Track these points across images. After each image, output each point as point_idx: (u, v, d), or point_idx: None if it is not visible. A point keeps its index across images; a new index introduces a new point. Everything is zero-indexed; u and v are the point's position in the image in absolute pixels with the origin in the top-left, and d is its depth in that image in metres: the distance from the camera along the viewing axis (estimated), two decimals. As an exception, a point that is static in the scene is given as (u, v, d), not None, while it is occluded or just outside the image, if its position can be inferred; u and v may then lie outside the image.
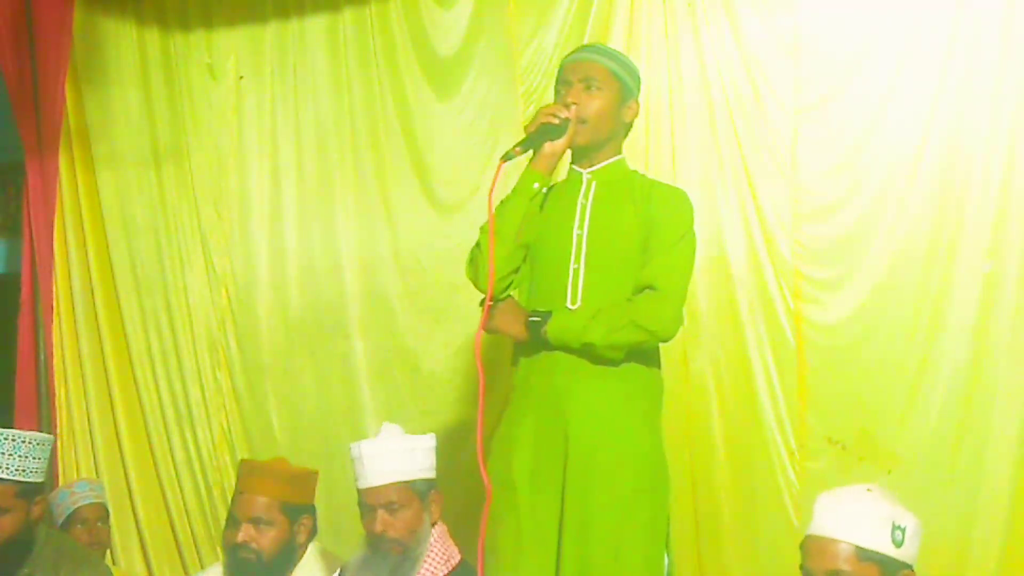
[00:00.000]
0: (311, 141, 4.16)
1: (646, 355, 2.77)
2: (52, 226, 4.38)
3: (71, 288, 4.42)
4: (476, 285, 2.79)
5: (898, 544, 2.19)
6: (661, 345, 2.82)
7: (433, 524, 2.86)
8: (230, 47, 4.26)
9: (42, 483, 3.15)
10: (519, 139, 3.81)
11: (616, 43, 3.69)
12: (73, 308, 4.41)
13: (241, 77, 4.25)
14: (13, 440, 3.04)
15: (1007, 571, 3.27)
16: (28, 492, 3.08)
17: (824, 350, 3.47)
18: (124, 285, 4.34)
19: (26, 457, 3.06)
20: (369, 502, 2.82)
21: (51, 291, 4.39)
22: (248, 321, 4.21)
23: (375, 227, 4.07)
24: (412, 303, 4.04)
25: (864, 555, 2.18)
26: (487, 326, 2.78)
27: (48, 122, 4.32)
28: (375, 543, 2.81)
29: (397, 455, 2.85)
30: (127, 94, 4.36)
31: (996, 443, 3.29)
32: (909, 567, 2.22)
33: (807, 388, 3.46)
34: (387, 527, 2.79)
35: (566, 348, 2.71)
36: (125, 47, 4.37)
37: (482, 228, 2.79)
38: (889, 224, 3.42)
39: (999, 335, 3.29)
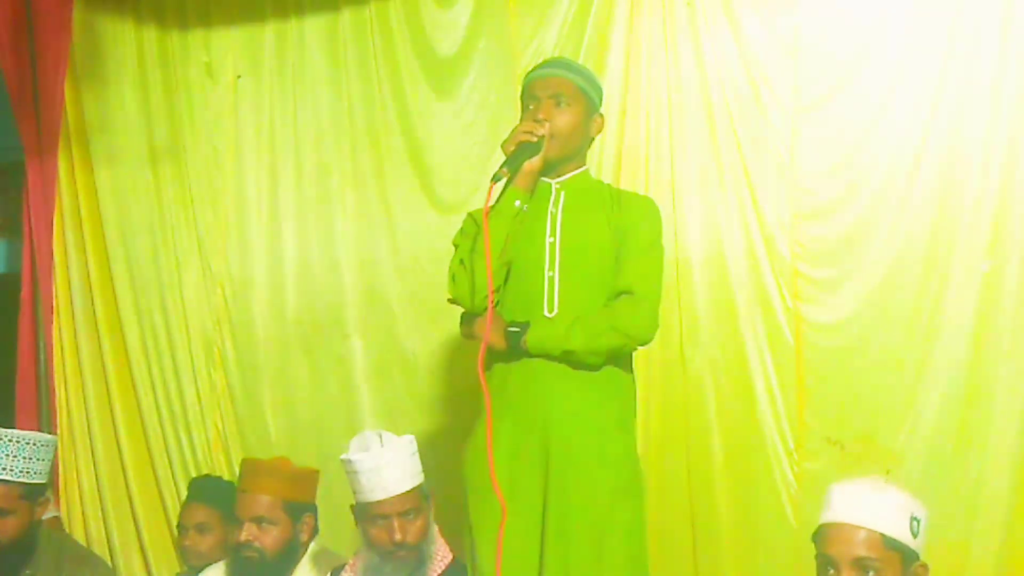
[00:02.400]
0: (309, 141, 4.15)
1: (621, 360, 2.81)
2: (52, 226, 4.38)
3: (71, 288, 4.41)
4: (461, 303, 2.81)
5: (915, 535, 2.21)
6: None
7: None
8: (228, 46, 4.25)
9: (45, 484, 3.15)
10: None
11: (616, 43, 3.71)
12: (73, 308, 4.40)
13: (239, 77, 4.24)
14: (18, 442, 3.05)
15: (1007, 571, 3.27)
16: (32, 493, 3.09)
17: (823, 350, 3.47)
18: (121, 285, 4.32)
19: (30, 459, 3.06)
20: (384, 512, 2.80)
21: (51, 291, 4.38)
22: (244, 321, 4.20)
23: (374, 227, 4.07)
24: (411, 303, 4.03)
25: (888, 543, 2.18)
26: (466, 333, 2.82)
27: (48, 122, 4.31)
28: (390, 552, 2.80)
29: (408, 461, 2.85)
30: (125, 93, 4.35)
31: (996, 443, 3.29)
32: (920, 558, 2.22)
33: (806, 388, 3.46)
34: (406, 535, 2.79)
35: (546, 356, 2.74)
36: (123, 46, 4.36)
37: (459, 245, 2.83)
38: (888, 224, 3.42)
39: (998, 335, 3.29)
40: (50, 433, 4.09)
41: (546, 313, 2.76)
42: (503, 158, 3.88)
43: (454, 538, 2.95)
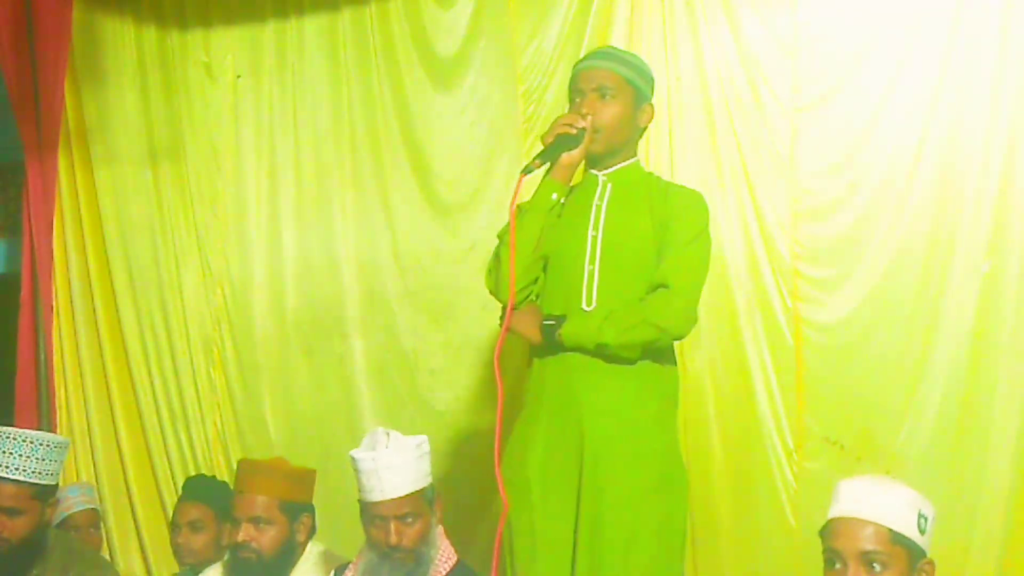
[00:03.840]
0: (309, 141, 4.15)
1: (661, 353, 2.76)
2: (52, 226, 4.38)
3: (71, 288, 4.42)
4: (496, 296, 2.80)
5: (922, 531, 2.19)
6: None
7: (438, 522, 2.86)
8: (228, 46, 4.26)
9: (56, 485, 3.16)
10: (517, 139, 3.85)
11: (616, 43, 3.69)
12: (73, 308, 4.41)
13: (238, 76, 4.25)
14: (31, 443, 3.05)
15: (1007, 571, 3.26)
16: (43, 494, 3.09)
17: (822, 350, 3.46)
18: (120, 284, 4.34)
19: (43, 460, 3.06)
20: (381, 513, 2.76)
21: (51, 291, 4.39)
22: (243, 321, 4.21)
23: (374, 227, 4.07)
24: (411, 303, 4.03)
25: (895, 538, 2.17)
26: (507, 327, 2.79)
27: (48, 122, 4.31)
28: (387, 553, 2.78)
29: (411, 465, 2.80)
30: (124, 93, 4.36)
31: (995, 443, 3.28)
32: (927, 555, 2.22)
33: (805, 388, 3.46)
34: (402, 538, 2.76)
35: (581, 350, 2.71)
36: (123, 46, 4.37)
37: (501, 239, 2.80)
38: (888, 224, 3.42)
39: (998, 335, 3.29)
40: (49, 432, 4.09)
41: (584, 306, 2.73)
42: (505, 157, 3.92)
43: (461, 539, 2.95)
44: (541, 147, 2.80)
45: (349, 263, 4.09)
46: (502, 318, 2.81)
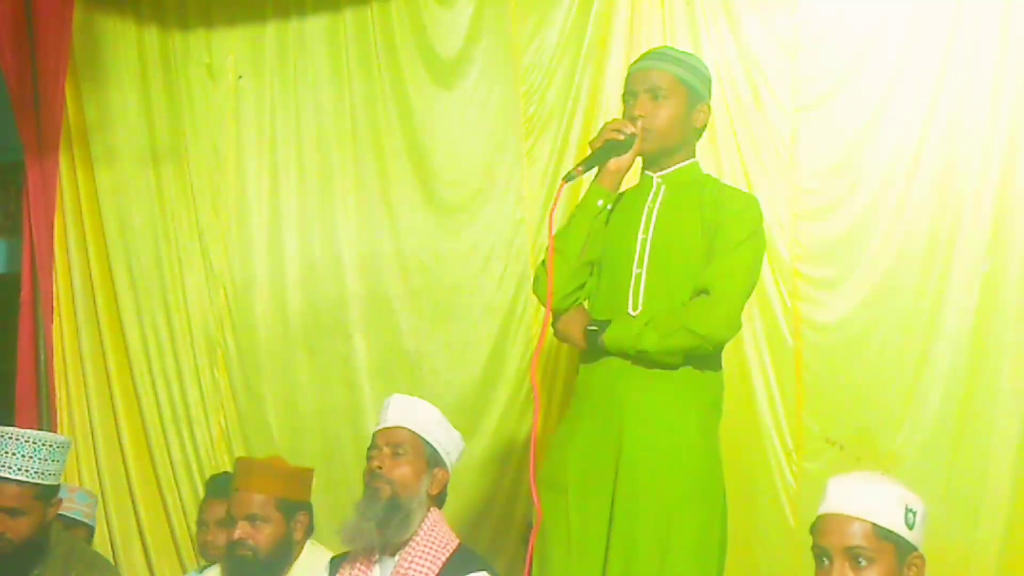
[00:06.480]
0: (311, 141, 4.16)
1: (704, 359, 2.70)
2: (52, 226, 4.38)
3: (71, 288, 4.41)
4: (542, 302, 2.78)
5: (910, 526, 2.20)
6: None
7: (432, 497, 2.83)
8: (229, 47, 4.26)
9: (57, 486, 3.16)
10: (518, 139, 3.84)
11: (616, 43, 3.72)
12: (73, 308, 4.41)
13: (240, 77, 4.26)
14: (34, 443, 3.05)
15: (1008, 570, 3.27)
16: (45, 494, 3.09)
17: (822, 350, 3.47)
18: (122, 285, 4.33)
19: (46, 460, 3.07)
20: (377, 442, 2.83)
21: (51, 291, 4.38)
22: (246, 321, 4.21)
23: (376, 227, 4.08)
24: (414, 304, 4.04)
25: (881, 533, 2.18)
26: (556, 331, 2.79)
27: (48, 122, 4.31)
28: (368, 480, 2.80)
29: (422, 411, 2.87)
30: (126, 94, 4.36)
31: (995, 443, 3.29)
32: (918, 550, 2.23)
33: (805, 388, 3.46)
34: (384, 465, 2.78)
35: (623, 355, 2.67)
36: (124, 47, 4.37)
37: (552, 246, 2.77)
38: (888, 224, 3.42)
39: (998, 334, 3.30)
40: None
41: (630, 311, 2.69)
42: (506, 157, 3.92)
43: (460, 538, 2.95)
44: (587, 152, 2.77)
45: (351, 263, 4.10)
46: (553, 324, 2.80)
